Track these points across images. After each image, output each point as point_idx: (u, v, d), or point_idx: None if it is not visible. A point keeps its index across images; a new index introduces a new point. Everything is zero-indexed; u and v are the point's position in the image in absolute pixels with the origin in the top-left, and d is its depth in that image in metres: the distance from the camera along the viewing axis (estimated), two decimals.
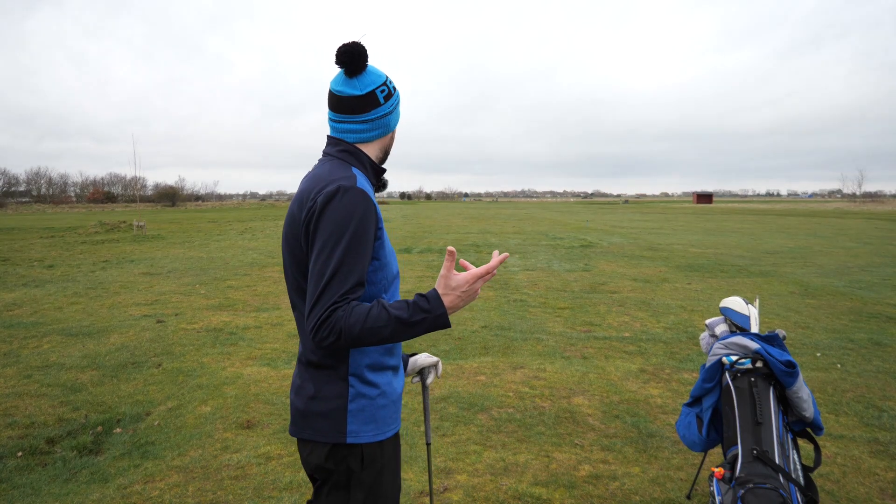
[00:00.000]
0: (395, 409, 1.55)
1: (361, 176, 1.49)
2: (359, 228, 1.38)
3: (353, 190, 1.40)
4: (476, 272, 1.37)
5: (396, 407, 1.55)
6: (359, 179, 1.45)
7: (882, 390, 4.36)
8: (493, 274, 1.38)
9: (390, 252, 1.53)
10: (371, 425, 1.47)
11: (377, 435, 1.48)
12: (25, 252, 15.34)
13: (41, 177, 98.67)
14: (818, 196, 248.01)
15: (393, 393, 1.53)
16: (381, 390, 1.49)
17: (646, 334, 6.09)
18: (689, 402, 2.57)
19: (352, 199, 1.39)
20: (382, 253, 1.48)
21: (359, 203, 1.39)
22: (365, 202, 1.41)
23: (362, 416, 1.46)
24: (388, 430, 1.51)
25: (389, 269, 1.52)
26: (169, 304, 7.97)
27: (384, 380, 1.51)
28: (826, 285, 9.18)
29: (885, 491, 2.93)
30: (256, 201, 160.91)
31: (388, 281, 1.51)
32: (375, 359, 1.49)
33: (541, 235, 20.65)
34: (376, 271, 1.47)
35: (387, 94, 1.53)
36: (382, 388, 1.50)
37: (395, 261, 1.57)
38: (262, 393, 4.35)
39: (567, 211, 53.10)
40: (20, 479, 3.09)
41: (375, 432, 1.48)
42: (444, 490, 2.95)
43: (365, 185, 1.45)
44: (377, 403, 1.48)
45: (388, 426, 1.51)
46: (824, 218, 35.55)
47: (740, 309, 2.56)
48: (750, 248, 15.31)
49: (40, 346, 5.72)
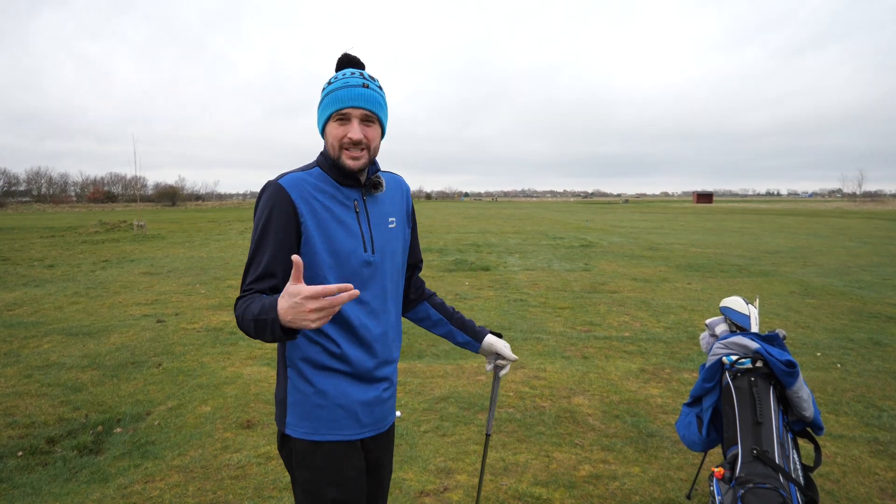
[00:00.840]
0: (344, 415, 1.48)
1: (311, 172, 1.50)
2: (267, 222, 1.42)
3: (271, 185, 1.45)
4: (311, 289, 1.13)
5: (348, 413, 1.48)
6: (291, 175, 1.47)
7: (882, 390, 4.36)
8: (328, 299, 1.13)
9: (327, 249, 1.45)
10: (305, 422, 1.47)
11: (310, 434, 1.46)
12: (26, 252, 15.34)
13: (41, 176, 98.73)
14: (818, 196, 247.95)
15: (340, 397, 1.48)
16: (318, 389, 1.46)
17: (646, 334, 6.09)
18: (689, 401, 2.56)
19: (266, 195, 1.45)
20: (309, 248, 1.43)
21: (270, 198, 1.43)
22: (275, 197, 1.43)
23: (297, 410, 1.48)
24: (328, 433, 1.47)
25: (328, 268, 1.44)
26: (169, 303, 7.97)
27: (326, 380, 1.47)
28: (826, 285, 9.18)
29: (885, 491, 2.93)
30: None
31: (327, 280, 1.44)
32: (310, 355, 1.47)
33: (541, 235, 20.65)
34: (306, 268, 1.44)
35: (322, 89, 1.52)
36: (320, 387, 1.47)
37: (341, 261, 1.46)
38: (262, 393, 4.35)
39: (567, 210, 53.08)
40: (20, 478, 3.09)
41: (308, 430, 1.47)
42: (443, 490, 2.96)
43: (295, 180, 1.46)
44: (313, 401, 1.47)
45: (326, 429, 1.47)
46: (824, 217, 35.54)
47: (740, 309, 2.56)
48: (750, 248, 15.30)
49: (41, 346, 5.72)
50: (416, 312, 1.81)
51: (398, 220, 1.63)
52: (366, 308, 1.51)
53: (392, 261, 1.59)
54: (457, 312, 1.83)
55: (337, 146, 1.46)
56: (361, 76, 1.48)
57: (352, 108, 1.44)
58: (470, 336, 1.78)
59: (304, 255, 1.44)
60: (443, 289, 9.01)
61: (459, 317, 1.81)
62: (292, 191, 1.43)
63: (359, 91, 1.45)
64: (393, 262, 1.59)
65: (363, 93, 1.45)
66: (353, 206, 1.50)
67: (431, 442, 3.51)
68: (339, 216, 1.47)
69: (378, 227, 1.55)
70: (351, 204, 1.50)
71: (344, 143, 1.45)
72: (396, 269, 1.62)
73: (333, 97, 1.45)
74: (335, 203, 1.48)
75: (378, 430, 1.58)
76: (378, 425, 1.57)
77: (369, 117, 1.47)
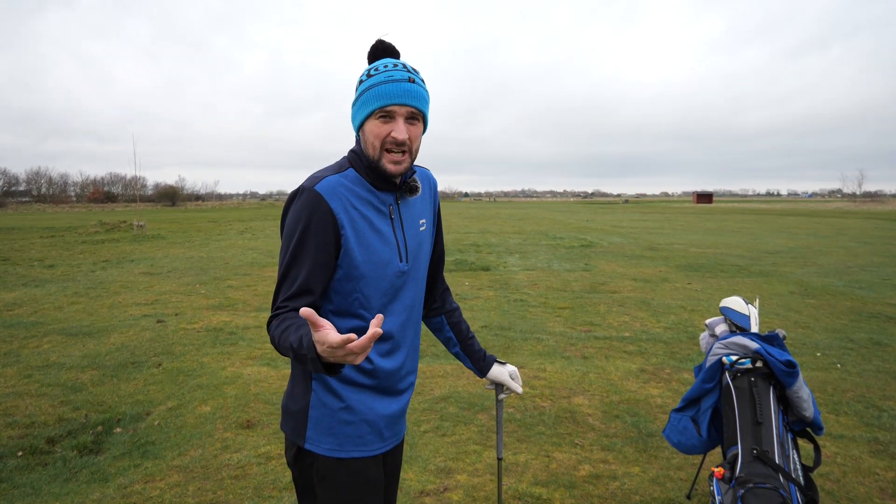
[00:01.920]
0: (369, 430, 1.42)
1: (346, 174, 1.37)
2: (304, 234, 1.30)
3: (306, 192, 1.32)
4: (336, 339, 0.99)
5: (373, 429, 1.42)
6: (327, 179, 1.34)
7: (882, 390, 4.36)
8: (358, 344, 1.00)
9: (366, 262, 1.35)
10: (329, 438, 1.38)
11: (334, 451, 1.38)
12: (26, 252, 15.34)
13: (41, 176, 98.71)
14: (818, 196, 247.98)
15: (367, 412, 1.41)
16: (346, 404, 1.39)
17: (646, 334, 6.09)
18: (680, 407, 2.52)
19: (301, 203, 1.32)
20: (348, 262, 1.33)
21: (306, 206, 1.31)
22: (312, 206, 1.30)
23: (321, 425, 1.39)
24: (353, 450, 1.40)
25: (366, 282, 1.36)
26: (169, 303, 7.97)
27: (354, 395, 1.40)
28: (826, 285, 9.18)
29: (885, 491, 2.93)
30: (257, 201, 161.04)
31: (364, 294, 1.36)
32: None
33: (541, 235, 20.65)
34: (342, 281, 1.35)
35: (360, 81, 1.38)
36: (348, 403, 1.39)
37: (379, 273, 1.37)
38: (262, 393, 4.35)
39: (567, 211, 53.09)
40: (20, 478, 3.09)
41: (332, 447, 1.38)
42: (443, 490, 2.96)
43: (332, 185, 1.33)
44: (339, 417, 1.38)
45: (352, 446, 1.40)
46: (824, 218, 35.54)
47: (740, 309, 2.56)
48: (750, 248, 15.30)
49: (40, 346, 5.72)
50: (432, 322, 1.74)
51: (428, 222, 1.54)
52: (398, 319, 1.43)
53: (422, 266, 1.52)
54: (470, 334, 1.75)
55: (379, 146, 1.32)
56: (405, 69, 1.34)
57: (397, 106, 1.30)
58: (476, 367, 1.73)
59: (343, 268, 1.34)
60: None
61: (471, 342, 1.74)
62: (331, 199, 1.31)
63: (405, 86, 1.31)
64: (422, 268, 1.52)
65: (410, 88, 1.31)
66: (389, 212, 1.40)
67: (431, 442, 3.51)
68: (376, 225, 1.37)
69: (411, 233, 1.45)
70: (386, 210, 1.40)
71: (387, 144, 1.32)
72: (424, 274, 1.54)
73: (376, 92, 1.31)
74: (372, 210, 1.37)
75: (396, 442, 1.52)
76: (397, 437, 1.52)
77: (415, 115, 1.34)
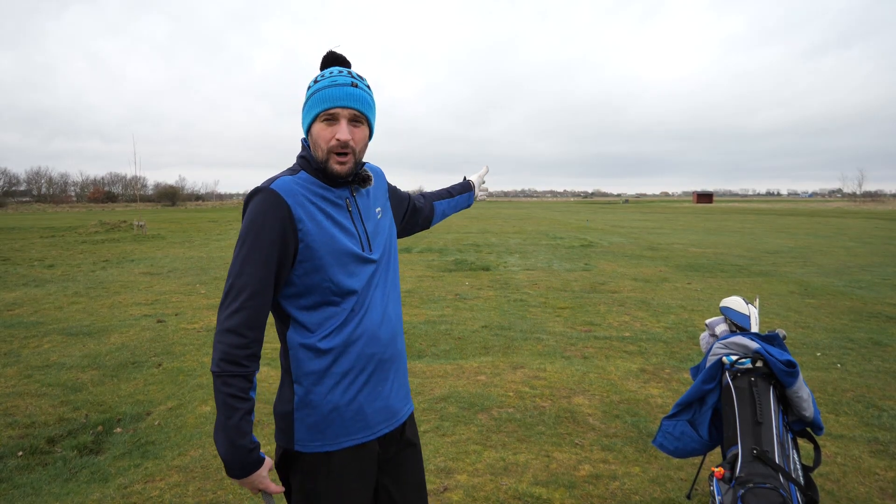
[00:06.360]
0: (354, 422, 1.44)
1: (299, 176, 1.41)
2: (259, 233, 1.31)
3: (263, 192, 1.34)
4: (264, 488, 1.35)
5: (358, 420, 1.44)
6: (282, 179, 1.38)
7: (882, 390, 4.36)
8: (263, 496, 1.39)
9: (330, 252, 1.38)
10: (318, 435, 1.41)
11: (322, 446, 1.41)
12: (26, 252, 15.34)
13: (41, 176, 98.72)
14: (818, 195, 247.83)
15: (350, 405, 1.43)
16: (329, 402, 1.41)
17: (646, 334, 6.09)
18: (672, 413, 2.49)
19: (257, 202, 1.33)
20: (310, 254, 1.36)
21: (260, 205, 1.32)
22: (268, 203, 1.32)
23: (306, 424, 1.41)
24: (342, 441, 1.43)
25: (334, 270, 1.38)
26: (169, 303, 7.97)
27: (336, 393, 1.41)
28: (826, 285, 9.18)
29: (885, 491, 2.93)
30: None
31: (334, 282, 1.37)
32: (318, 368, 1.40)
33: (541, 235, 20.65)
34: (311, 274, 1.37)
35: (308, 88, 1.44)
36: (331, 401, 1.41)
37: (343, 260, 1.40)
38: (262, 393, 4.35)
39: (567, 210, 53.08)
40: (21, 478, 3.09)
41: (320, 444, 1.41)
42: (444, 490, 2.95)
43: (287, 184, 1.36)
44: (322, 415, 1.41)
45: (341, 437, 1.43)
46: (824, 217, 35.54)
47: (740, 309, 2.56)
48: (750, 248, 15.30)
49: (41, 346, 5.72)
50: (436, 218, 1.95)
51: (383, 208, 1.60)
52: (376, 312, 1.45)
53: (388, 254, 1.55)
54: (452, 188, 2.04)
55: (325, 148, 1.38)
56: (349, 74, 1.42)
57: (340, 108, 1.37)
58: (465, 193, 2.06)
59: (307, 261, 1.36)
60: (442, 289, 9.02)
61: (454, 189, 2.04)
62: (287, 196, 1.34)
63: (348, 90, 1.38)
64: (389, 255, 1.56)
65: (352, 92, 1.38)
66: (346, 205, 1.45)
67: (431, 442, 3.51)
68: (335, 217, 1.42)
69: (370, 223, 1.51)
70: (343, 203, 1.45)
71: (332, 146, 1.37)
72: (392, 260, 1.57)
73: (320, 96, 1.38)
74: (328, 204, 1.42)
75: (391, 427, 1.51)
76: (390, 422, 1.51)
77: (358, 118, 1.40)
